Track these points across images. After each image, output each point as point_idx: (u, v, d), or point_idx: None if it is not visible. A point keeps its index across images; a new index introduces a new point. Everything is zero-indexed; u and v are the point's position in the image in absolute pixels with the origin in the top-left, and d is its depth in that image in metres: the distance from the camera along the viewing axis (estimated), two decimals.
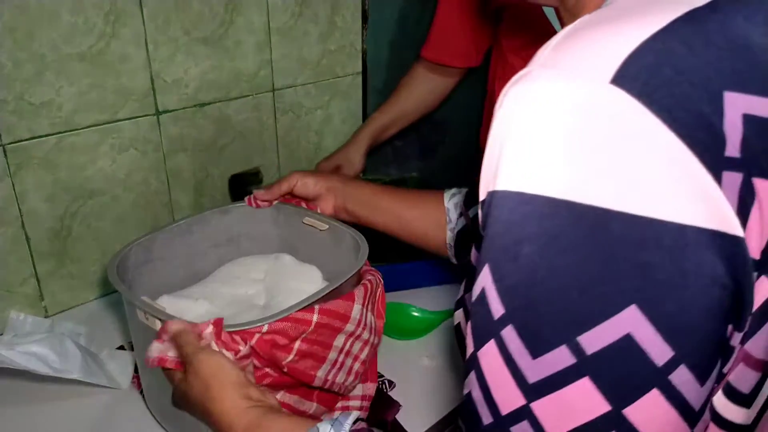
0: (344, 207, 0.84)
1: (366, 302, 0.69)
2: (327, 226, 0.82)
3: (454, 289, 1.03)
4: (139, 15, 0.92)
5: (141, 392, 0.81)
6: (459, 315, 0.54)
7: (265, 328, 0.59)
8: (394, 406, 0.79)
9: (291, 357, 0.61)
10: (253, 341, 0.59)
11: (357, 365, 0.71)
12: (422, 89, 1.20)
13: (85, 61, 0.89)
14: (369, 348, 0.72)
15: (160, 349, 0.58)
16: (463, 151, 1.60)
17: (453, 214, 0.79)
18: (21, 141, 0.87)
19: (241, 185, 1.08)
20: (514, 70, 1.22)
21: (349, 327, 0.67)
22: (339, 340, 0.66)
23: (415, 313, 0.94)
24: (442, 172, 1.57)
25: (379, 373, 0.84)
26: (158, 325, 0.62)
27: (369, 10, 1.24)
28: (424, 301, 0.97)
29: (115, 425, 0.77)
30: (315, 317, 0.63)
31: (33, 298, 0.95)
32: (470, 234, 0.76)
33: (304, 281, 0.82)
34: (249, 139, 1.13)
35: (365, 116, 1.33)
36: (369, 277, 0.72)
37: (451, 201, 0.79)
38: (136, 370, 0.85)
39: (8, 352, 0.73)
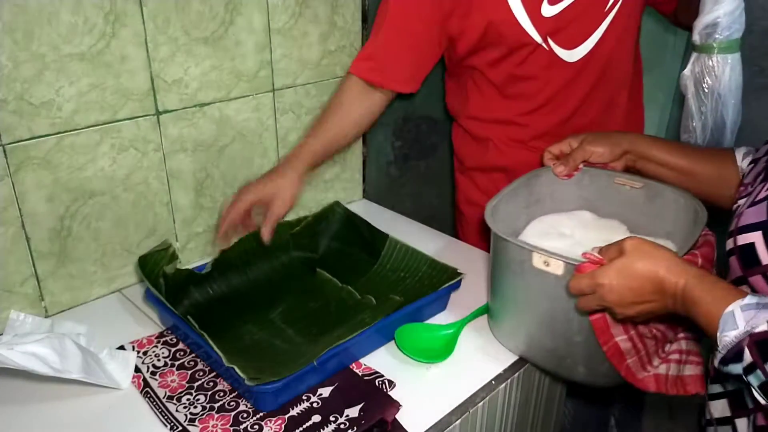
0: (634, 167, 0.93)
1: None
2: (642, 184, 0.92)
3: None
4: (139, 15, 0.92)
5: (141, 392, 0.82)
6: (754, 237, 0.63)
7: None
8: (394, 406, 0.79)
9: None
10: None
11: None
12: (358, 112, 1.08)
13: (85, 61, 0.89)
14: None
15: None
16: None
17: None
18: (21, 141, 0.87)
19: (152, 265, 0.94)
20: (491, 84, 1.22)
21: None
22: None
23: (430, 329, 0.94)
24: (443, 170, 1.57)
25: (379, 373, 0.85)
26: (557, 266, 0.74)
27: (369, 10, 1.24)
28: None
29: (115, 425, 0.77)
30: (699, 261, 0.72)
31: (33, 298, 0.95)
32: None
33: (611, 233, 0.90)
34: (249, 139, 1.13)
35: None
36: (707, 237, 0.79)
37: (744, 161, 0.84)
38: (136, 370, 0.85)
39: (8, 352, 0.73)
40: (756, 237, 0.64)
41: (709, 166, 0.87)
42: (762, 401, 0.57)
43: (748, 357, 0.56)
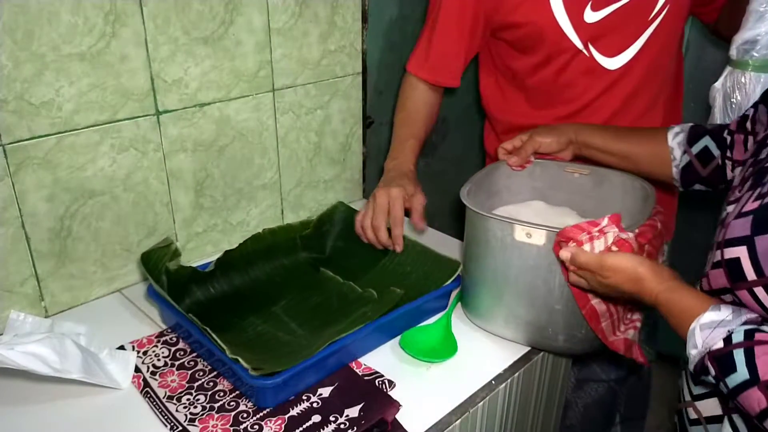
0: (581, 155, 1.00)
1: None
2: (589, 171, 0.99)
3: None
4: (139, 15, 0.92)
5: (141, 392, 0.82)
6: (739, 251, 0.65)
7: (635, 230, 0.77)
8: (394, 406, 0.79)
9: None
10: (636, 232, 0.77)
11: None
12: (432, 110, 1.16)
13: (85, 61, 0.89)
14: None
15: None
16: (463, 150, 1.60)
17: (677, 152, 0.91)
18: (21, 141, 0.87)
19: (155, 261, 0.94)
20: (529, 89, 1.21)
21: (667, 241, 0.85)
22: (663, 250, 0.85)
23: (426, 330, 0.94)
24: (443, 170, 1.57)
25: (379, 373, 0.85)
26: (539, 236, 0.78)
27: (369, 10, 1.24)
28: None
29: (115, 425, 0.77)
30: (658, 225, 0.82)
31: (33, 298, 0.95)
32: (694, 168, 0.90)
33: (563, 220, 0.96)
34: (249, 139, 1.13)
35: (365, 116, 1.33)
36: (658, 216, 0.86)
37: (674, 140, 0.91)
38: (136, 370, 0.85)
39: (8, 352, 0.73)
40: (741, 252, 0.65)
41: (643, 148, 0.94)
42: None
43: (712, 371, 0.63)
